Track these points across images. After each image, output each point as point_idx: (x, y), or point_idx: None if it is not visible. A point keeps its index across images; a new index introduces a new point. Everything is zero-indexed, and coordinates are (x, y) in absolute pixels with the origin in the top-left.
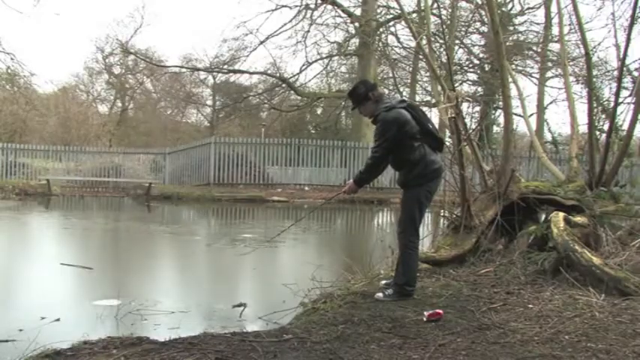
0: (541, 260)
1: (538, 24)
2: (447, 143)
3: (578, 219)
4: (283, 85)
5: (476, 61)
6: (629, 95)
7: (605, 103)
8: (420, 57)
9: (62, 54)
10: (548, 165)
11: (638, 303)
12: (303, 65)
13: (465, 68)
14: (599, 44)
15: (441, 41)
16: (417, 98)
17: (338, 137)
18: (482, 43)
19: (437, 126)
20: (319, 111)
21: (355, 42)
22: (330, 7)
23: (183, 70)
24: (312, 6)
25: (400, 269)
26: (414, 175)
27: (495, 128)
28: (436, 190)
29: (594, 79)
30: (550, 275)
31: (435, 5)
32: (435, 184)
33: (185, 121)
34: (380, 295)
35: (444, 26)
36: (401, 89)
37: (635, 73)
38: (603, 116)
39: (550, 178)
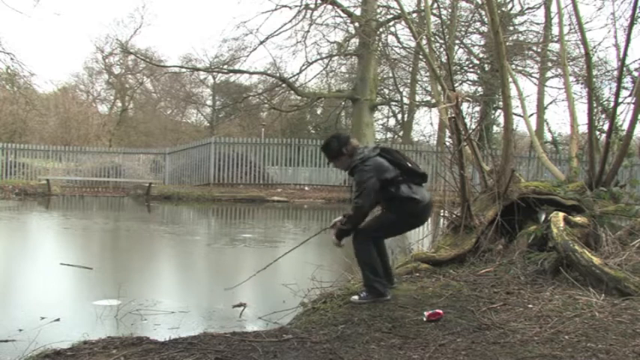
0: (541, 260)
1: (538, 24)
2: (447, 143)
3: (578, 219)
4: (283, 85)
5: (476, 61)
6: (629, 95)
7: (605, 103)
8: (420, 57)
9: (62, 54)
10: (548, 165)
11: (638, 303)
12: (303, 65)
13: (465, 68)
14: (599, 44)
15: (441, 41)
16: (417, 98)
17: None
18: (482, 43)
19: (437, 126)
20: (319, 111)
21: (355, 42)
22: (330, 7)
23: (183, 70)
24: (312, 6)
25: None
26: (405, 211)
27: (495, 128)
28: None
29: (594, 79)
30: (550, 275)
31: (435, 5)
32: (424, 221)
33: (185, 121)
34: (355, 297)
35: (444, 26)
36: (401, 89)
37: (635, 73)
38: (603, 116)
39: (550, 178)
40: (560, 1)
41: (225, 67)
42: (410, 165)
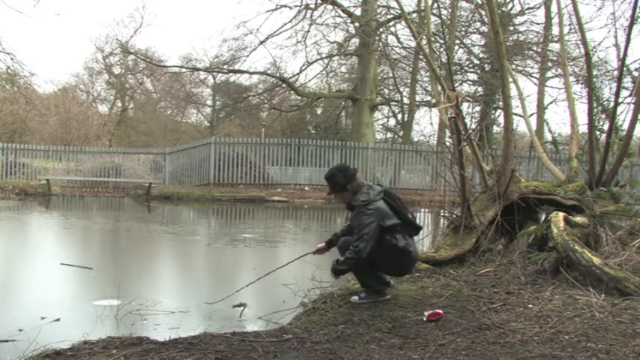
0: (541, 260)
1: (538, 24)
2: (447, 143)
3: (578, 219)
4: (283, 85)
5: (476, 61)
6: (629, 95)
7: (605, 103)
8: (420, 57)
9: (62, 54)
10: (548, 165)
11: (638, 303)
12: (303, 65)
13: (465, 68)
14: (599, 44)
15: (441, 41)
16: (417, 98)
17: (338, 137)
18: (483, 43)
19: (437, 126)
20: (319, 111)
21: (355, 42)
22: (330, 7)
23: (183, 70)
24: (312, 6)
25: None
26: (397, 262)
27: (495, 128)
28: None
29: (594, 79)
30: (550, 275)
31: (435, 5)
32: (406, 273)
33: (185, 121)
34: (355, 298)
35: (444, 26)
36: (401, 89)
37: (635, 73)
38: (603, 116)
39: (550, 178)
40: (560, 1)
41: (225, 67)
42: (410, 217)
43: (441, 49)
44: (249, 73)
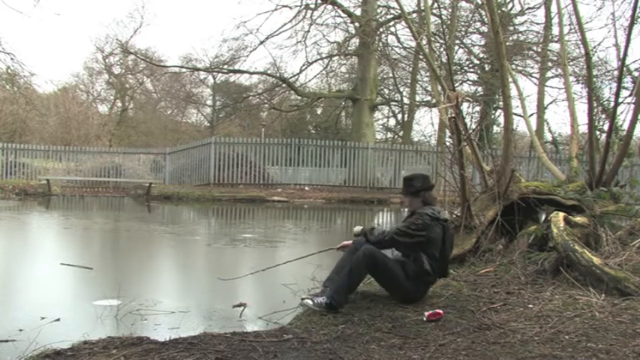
0: (541, 260)
1: (538, 24)
2: (447, 143)
3: (578, 219)
4: (283, 85)
5: (476, 61)
6: (629, 95)
7: (605, 103)
8: (420, 57)
9: (62, 54)
10: (549, 165)
11: (638, 303)
12: (303, 65)
13: (465, 68)
14: (599, 44)
15: (441, 41)
16: (417, 98)
17: (338, 137)
18: (483, 43)
19: (437, 126)
20: (319, 111)
21: (355, 42)
22: (330, 7)
23: (184, 70)
24: (312, 6)
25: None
26: (412, 285)
27: (495, 128)
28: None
29: (594, 79)
30: (550, 275)
31: (435, 5)
32: (416, 299)
33: (185, 121)
34: (309, 301)
35: (444, 26)
36: (401, 89)
37: (635, 73)
38: (603, 116)
39: (550, 178)
40: (560, 1)
41: (225, 67)
42: (449, 255)
43: (441, 49)
44: (249, 73)
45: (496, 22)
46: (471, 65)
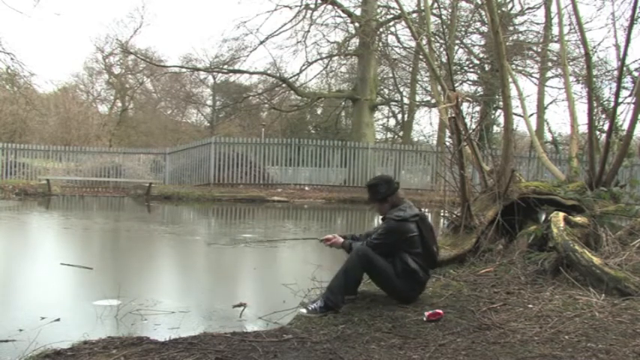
0: (541, 260)
1: (538, 24)
2: (447, 143)
3: (578, 219)
4: (283, 85)
5: (476, 61)
6: (629, 95)
7: (605, 103)
8: (420, 57)
9: (62, 54)
10: (548, 165)
11: (638, 303)
12: (303, 65)
13: (465, 68)
14: (599, 44)
15: (441, 41)
16: (417, 98)
17: (338, 137)
18: (483, 43)
19: (437, 126)
20: (319, 111)
21: (355, 42)
22: (330, 7)
23: (183, 70)
24: (312, 6)
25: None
26: (405, 284)
27: (495, 128)
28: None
29: (594, 79)
30: (550, 275)
31: (435, 5)
32: (411, 299)
33: (185, 121)
34: (303, 311)
35: (444, 26)
36: (401, 89)
37: (635, 73)
38: (603, 116)
39: (550, 178)
40: (560, 1)
41: (225, 67)
42: (434, 249)
43: (441, 49)
44: (249, 73)
45: (496, 22)
46: (470, 65)
